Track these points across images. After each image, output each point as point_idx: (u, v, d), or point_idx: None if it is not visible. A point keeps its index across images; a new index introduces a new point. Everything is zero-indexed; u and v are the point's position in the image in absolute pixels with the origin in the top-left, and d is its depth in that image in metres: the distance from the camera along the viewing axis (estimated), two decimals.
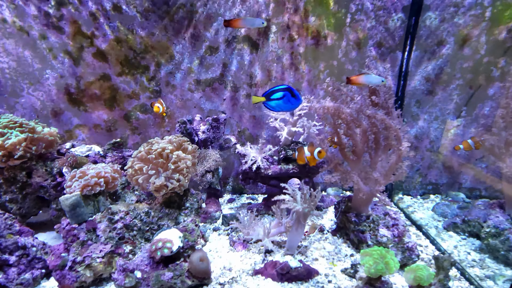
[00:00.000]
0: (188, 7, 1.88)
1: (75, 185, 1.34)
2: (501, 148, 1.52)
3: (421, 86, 1.99)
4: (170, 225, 1.51)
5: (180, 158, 1.42)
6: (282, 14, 1.90)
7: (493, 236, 1.46)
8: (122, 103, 2.03)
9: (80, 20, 1.81)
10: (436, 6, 1.82)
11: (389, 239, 1.45)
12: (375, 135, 1.40)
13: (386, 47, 1.95)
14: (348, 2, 1.87)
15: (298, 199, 1.36)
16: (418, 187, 2.18)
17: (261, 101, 1.16)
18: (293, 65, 2.02)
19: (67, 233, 1.33)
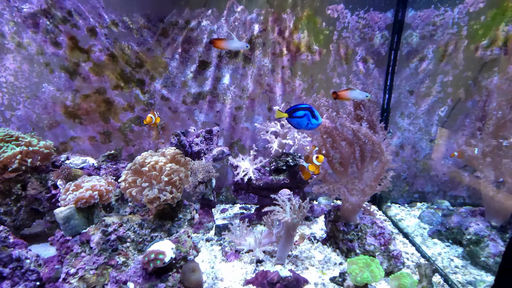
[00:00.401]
0: (182, 24, 1.96)
1: (70, 198, 1.37)
2: (478, 159, 1.60)
3: (405, 99, 2.09)
4: (163, 237, 1.54)
5: (173, 170, 1.47)
6: (273, 31, 2.00)
7: (474, 243, 1.52)
8: (117, 115, 2.07)
9: (78, 36, 1.87)
10: (416, 25, 1.93)
11: (376, 247, 1.50)
12: (360, 147, 1.47)
13: (371, 62, 2.05)
14: (334, 20, 1.98)
15: (288, 210, 1.41)
16: (405, 195, 2.25)
17: (284, 116, 1.21)
18: (284, 79, 2.10)
19: (61, 245, 1.35)
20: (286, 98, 2.13)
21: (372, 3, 1.93)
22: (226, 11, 1.95)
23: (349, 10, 1.95)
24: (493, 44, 1.87)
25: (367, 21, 1.97)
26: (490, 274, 1.44)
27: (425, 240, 1.76)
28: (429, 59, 1.98)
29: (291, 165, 1.75)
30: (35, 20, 1.78)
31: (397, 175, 2.23)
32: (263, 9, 1.95)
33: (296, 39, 2.02)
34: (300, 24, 1.99)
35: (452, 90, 2.01)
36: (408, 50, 1.98)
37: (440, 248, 1.67)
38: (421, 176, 2.20)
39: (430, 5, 1.88)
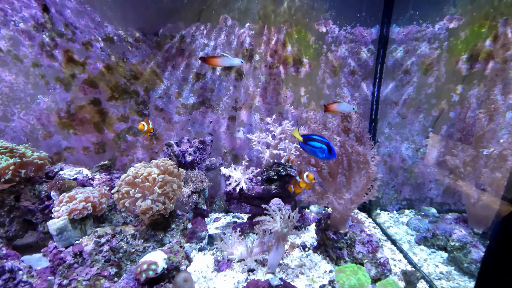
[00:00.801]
0: (176, 37, 2.02)
1: (63, 210, 1.39)
2: (459, 168, 1.68)
3: (392, 109, 2.17)
4: (155, 247, 1.56)
5: (166, 181, 1.50)
6: (264, 44, 2.07)
7: (457, 250, 1.58)
8: (112, 126, 2.10)
9: (73, 49, 1.92)
10: (400, 40, 2.03)
11: (364, 255, 1.54)
12: (347, 158, 1.53)
13: (359, 75, 2.13)
14: (323, 35, 2.07)
15: (278, 220, 1.45)
16: (394, 202, 2.32)
17: (299, 139, 1.22)
18: (276, 90, 2.17)
19: (54, 256, 1.36)
20: (278, 109, 2.19)
21: (358, 19, 2.02)
22: (219, 25, 2.02)
23: (337, 25, 2.04)
24: (472, 58, 1.98)
25: (354, 36, 2.06)
26: (473, 280, 1.49)
27: (412, 246, 1.81)
28: (413, 72, 2.08)
29: (282, 174, 1.80)
30: (31, 34, 1.82)
31: (386, 183, 2.30)
32: (254, 23, 2.03)
33: (287, 52, 2.10)
34: (290, 38, 2.07)
35: (436, 102, 2.11)
36: (393, 63, 2.08)
37: (426, 255, 1.72)
38: (408, 183, 2.27)
39: (412, 21, 1.99)
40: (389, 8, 1.96)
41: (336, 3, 1.99)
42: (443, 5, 1.93)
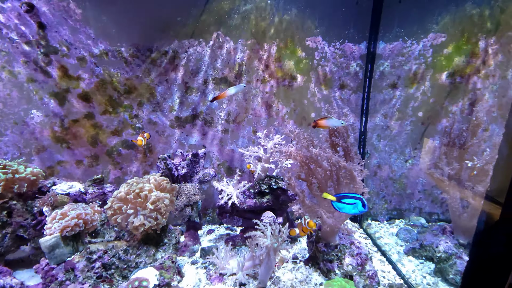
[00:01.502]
0: (170, 53, 2.06)
1: (55, 227, 1.40)
2: (444, 181, 1.73)
3: (380, 122, 2.23)
4: (147, 262, 1.57)
5: (159, 198, 1.53)
6: (256, 59, 2.13)
7: (443, 261, 1.63)
8: (105, 139, 2.12)
9: (68, 64, 1.95)
10: (387, 56, 2.11)
11: (354, 267, 1.58)
12: (336, 173, 1.58)
13: (348, 88, 2.20)
14: (313, 51, 2.13)
15: (268, 235, 1.48)
16: (384, 212, 2.36)
17: (332, 200, 1.28)
18: (268, 103, 2.22)
19: (45, 273, 1.36)
20: (270, 122, 2.24)
21: (347, 36, 2.10)
22: (212, 42, 2.08)
23: (326, 42, 2.11)
24: (455, 73, 2.06)
25: (343, 51, 2.13)
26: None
27: (401, 257, 1.85)
28: (400, 86, 2.15)
29: (274, 188, 1.84)
30: (26, 51, 1.85)
31: (376, 193, 2.35)
32: (247, 40, 2.09)
33: (278, 67, 2.16)
34: (282, 54, 2.13)
35: (422, 114, 2.18)
36: (381, 77, 2.15)
37: (414, 266, 1.76)
38: (398, 194, 2.32)
39: (398, 38, 2.07)
40: (375, 26, 2.03)
41: (325, 21, 2.06)
42: (426, 23, 2.01)
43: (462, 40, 2.00)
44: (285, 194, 1.88)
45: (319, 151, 1.41)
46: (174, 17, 2.00)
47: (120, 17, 1.93)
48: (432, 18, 1.99)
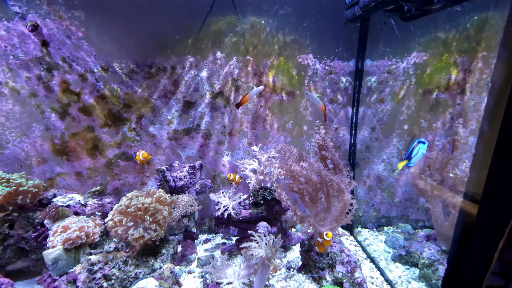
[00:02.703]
0: (168, 69, 2.16)
1: (58, 240, 1.46)
2: (427, 191, 1.85)
3: (369, 134, 2.36)
4: (146, 272, 1.63)
5: (157, 210, 1.60)
6: (251, 75, 2.24)
7: (427, 267, 1.73)
8: (104, 152, 2.19)
9: (69, 80, 2.02)
10: (374, 72, 2.25)
11: (344, 275, 1.67)
12: (326, 186, 1.68)
13: (338, 103, 2.32)
14: (305, 67, 2.26)
15: (263, 246, 1.56)
16: (373, 220, 2.47)
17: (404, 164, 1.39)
18: (262, 116, 2.32)
19: (48, 285, 1.41)
20: (265, 134, 2.34)
21: (336, 53, 2.23)
22: (209, 58, 2.18)
23: (317, 59, 2.24)
24: (436, 89, 2.20)
25: (333, 68, 2.26)
26: None
27: (389, 264, 1.95)
28: (386, 100, 2.28)
29: (268, 199, 1.92)
30: (29, 67, 1.92)
31: (366, 202, 2.46)
32: (242, 56, 2.20)
33: (272, 82, 2.27)
34: (275, 70, 2.24)
35: (408, 127, 2.31)
36: (368, 93, 2.28)
37: (400, 271, 1.86)
38: (386, 202, 2.44)
39: (384, 56, 2.21)
40: (363, 45, 2.17)
41: (316, 39, 2.19)
42: (410, 43, 2.16)
43: (442, 59, 2.16)
44: (279, 205, 1.97)
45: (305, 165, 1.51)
46: (172, 35, 2.09)
47: (120, 35, 2.02)
48: (414, 38, 2.14)
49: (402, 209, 2.44)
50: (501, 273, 0.92)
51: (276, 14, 2.12)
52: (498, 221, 0.87)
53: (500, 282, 0.92)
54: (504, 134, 0.80)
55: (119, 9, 1.95)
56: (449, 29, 2.10)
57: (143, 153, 1.90)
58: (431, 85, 2.21)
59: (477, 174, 0.92)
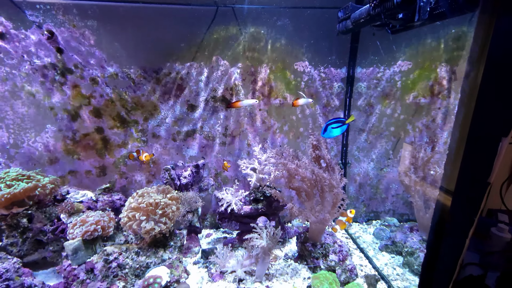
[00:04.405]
0: (173, 74, 2.31)
1: (77, 232, 1.60)
2: (411, 187, 2.06)
3: (360, 136, 2.56)
4: (156, 262, 1.78)
5: (167, 204, 1.75)
6: (251, 81, 2.41)
7: (409, 254, 1.93)
8: (112, 151, 2.32)
9: (81, 84, 2.15)
10: (364, 78, 2.45)
11: (336, 263, 1.85)
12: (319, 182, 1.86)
13: (331, 106, 2.52)
14: (301, 73, 2.44)
15: (264, 237, 1.73)
16: (363, 215, 2.67)
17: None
18: (261, 119, 2.49)
19: (68, 273, 1.55)
20: (264, 136, 2.51)
21: (329, 61, 2.42)
22: (211, 64, 2.34)
23: (312, 66, 2.42)
24: (419, 95, 2.42)
25: (327, 75, 2.45)
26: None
27: (376, 253, 2.15)
28: (375, 104, 2.49)
29: (267, 195, 2.09)
30: (44, 72, 2.04)
31: (356, 198, 2.66)
32: (242, 63, 2.37)
33: (270, 87, 2.44)
34: (273, 76, 2.42)
35: (394, 129, 2.52)
36: (359, 97, 2.48)
37: (386, 260, 2.06)
38: (374, 198, 2.64)
39: (372, 64, 2.41)
40: (354, 54, 2.37)
41: (311, 48, 2.38)
42: (395, 52, 2.37)
43: (424, 67, 2.37)
44: (277, 201, 2.14)
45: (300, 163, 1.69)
46: (177, 43, 2.25)
47: (129, 43, 2.16)
48: (399, 48, 2.35)
49: (389, 204, 2.65)
50: (480, 264, 1.03)
51: (274, 25, 2.30)
52: (469, 211, 0.97)
53: (479, 272, 1.01)
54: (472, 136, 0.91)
55: (129, 19, 2.10)
56: (431, 41, 2.32)
57: (146, 155, 2.04)
58: (415, 91, 2.42)
59: (450, 170, 1.02)
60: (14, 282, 1.43)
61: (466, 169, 0.95)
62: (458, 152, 0.98)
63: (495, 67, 0.85)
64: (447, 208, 1.06)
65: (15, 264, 1.47)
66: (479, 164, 0.93)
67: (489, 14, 0.88)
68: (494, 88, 0.87)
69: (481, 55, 0.89)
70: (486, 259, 1.04)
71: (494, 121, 0.89)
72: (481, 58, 0.89)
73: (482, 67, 0.88)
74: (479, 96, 0.89)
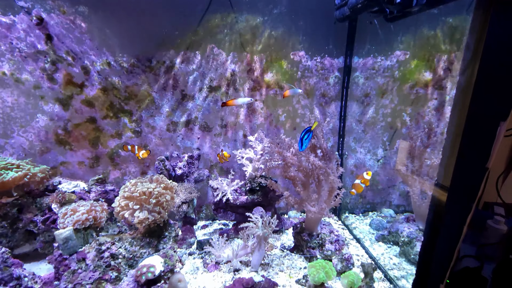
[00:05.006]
0: (168, 63, 2.26)
1: (68, 221, 1.56)
2: (408, 177, 2.05)
3: (356, 126, 2.54)
4: (151, 252, 1.74)
5: (161, 193, 1.72)
6: (246, 70, 2.37)
7: (406, 244, 1.93)
8: (106, 142, 2.28)
9: (73, 72, 2.10)
10: (361, 69, 2.42)
11: (333, 252, 1.84)
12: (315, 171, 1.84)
13: (328, 97, 2.49)
14: (297, 63, 2.41)
15: (260, 226, 1.71)
16: (359, 206, 2.66)
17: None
18: (257, 110, 2.46)
19: (59, 263, 1.51)
20: (259, 126, 2.48)
21: (326, 51, 2.39)
22: (206, 54, 2.30)
23: (308, 56, 2.39)
24: (416, 85, 2.40)
25: (324, 65, 2.42)
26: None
27: (372, 243, 2.14)
28: (372, 95, 2.47)
29: (263, 185, 2.07)
30: (34, 59, 1.99)
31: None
32: (238, 52, 2.33)
33: (266, 77, 2.41)
34: (269, 65, 2.39)
35: (391, 120, 2.50)
36: (356, 88, 2.46)
37: (383, 249, 2.05)
38: (371, 189, 2.63)
39: (370, 54, 2.38)
40: (351, 43, 2.34)
41: (308, 38, 2.35)
42: (393, 42, 2.34)
43: (421, 57, 2.36)
44: (273, 191, 2.12)
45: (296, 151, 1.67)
46: (172, 31, 2.20)
47: (122, 30, 2.11)
48: (397, 38, 2.33)
49: (385, 196, 2.64)
50: (477, 256, 1.03)
51: (271, 13, 2.26)
52: (467, 197, 0.97)
53: (476, 264, 1.02)
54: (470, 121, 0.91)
55: (121, 5, 2.04)
56: (428, 30, 2.30)
57: (143, 152, 2.00)
58: (412, 81, 2.40)
59: (448, 156, 1.04)
60: (2, 273, 1.39)
61: (464, 154, 0.95)
62: (456, 139, 0.98)
63: (494, 51, 0.85)
64: (444, 195, 1.06)
65: (3, 254, 1.43)
66: (477, 149, 0.92)
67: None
68: (492, 72, 0.86)
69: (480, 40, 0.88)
70: (483, 251, 1.04)
71: (492, 105, 0.88)
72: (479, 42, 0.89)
73: (480, 50, 0.88)
74: (477, 80, 0.89)
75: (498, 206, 1.06)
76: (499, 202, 1.06)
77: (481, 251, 1.04)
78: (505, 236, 1.03)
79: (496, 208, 1.06)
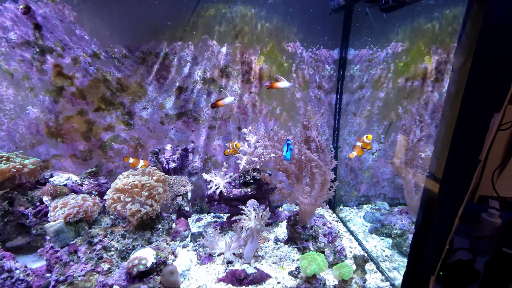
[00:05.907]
0: (161, 54, 2.22)
1: (59, 214, 1.55)
2: (402, 169, 2.04)
3: (351, 119, 2.52)
4: (144, 245, 1.74)
5: (153, 186, 1.70)
6: (240, 62, 2.33)
7: (399, 236, 1.94)
8: (98, 135, 2.25)
9: (62, 63, 2.05)
10: (356, 61, 2.39)
11: (325, 244, 1.85)
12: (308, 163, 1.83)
13: (323, 90, 2.47)
14: (292, 55, 2.37)
15: (252, 218, 1.71)
16: (354, 199, 2.67)
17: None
18: (251, 102, 2.44)
19: (50, 256, 1.51)
20: (254, 119, 2.46)
21: (322, 42, 2.36)
22: (200, 44, 2.26)
23: (304, 47, 2.36)
24: (412, 77, 2.38)
25: (319, 56, 2.39)
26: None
27: (366, 236, 2.15)
28: (367, 87, 2.44)
29: (257, 178, 2.06)
30: (22, 50, 1.94)
31: (347, 182, 2.65)
32: (232, 43, 2.29)
33: (261, 69, 2.38)
34: (264, 57, 2.35)
35: (386, 113, 2.49)
36: (351, 80, 2.43)
37: (376, 242, 2.07)
38: (365, 182, 2.64)
39: (365, 46, 2.35)
40: (346, 35, 2.30)
41: (303, 29, 2.31)
42: (389, 34, 2.31)
43: (417, 49, 2.33)
44: (267, 184, 2.11)
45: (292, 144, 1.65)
46: (164, 21, 2.15)
47: (113, 20, 2.06)
48: (393, 29, 2.29)
49: (380, 189, 2.65)
50: (470, 249, 1.05)
51: (265, 3, 2.21)
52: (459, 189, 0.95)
53: (469, 256, 1.04)
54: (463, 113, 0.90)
55: None
56: (424, 22, 2.27)
57: (142, 165, 1.97)
58: (408, 74, 2.38)
59: (441, 148, 1.02)
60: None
61: (456, 146, 0.94)
62: (449, 130, 0.97)
63: (488, 41, 0.83)
64: (436, 187, 1.06)
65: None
66: (470, 141, 0.91)
67: None
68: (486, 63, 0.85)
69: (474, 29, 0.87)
70: (476, 244, 1.05)
71: (486, 96, 0.87)
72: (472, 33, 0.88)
73: (474, 40, 0.86)
74: (471, 70, 0.87)
75: (493, 200, 1.07)
76: (495, 195, 1.07)
77: (475, 244, 1.05)
78: (499, 229, 1.04)
79: (490, 202, 1.08)
